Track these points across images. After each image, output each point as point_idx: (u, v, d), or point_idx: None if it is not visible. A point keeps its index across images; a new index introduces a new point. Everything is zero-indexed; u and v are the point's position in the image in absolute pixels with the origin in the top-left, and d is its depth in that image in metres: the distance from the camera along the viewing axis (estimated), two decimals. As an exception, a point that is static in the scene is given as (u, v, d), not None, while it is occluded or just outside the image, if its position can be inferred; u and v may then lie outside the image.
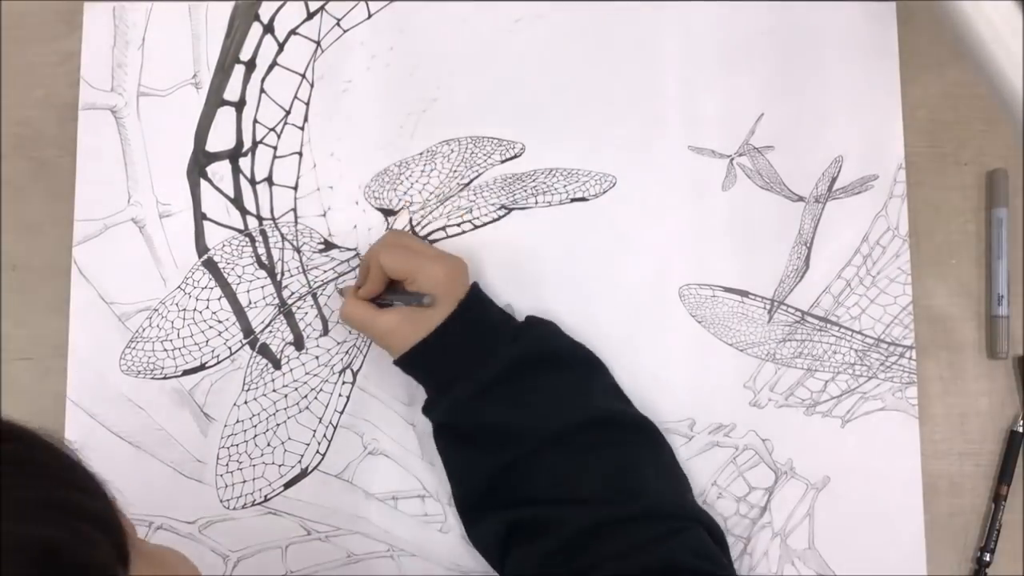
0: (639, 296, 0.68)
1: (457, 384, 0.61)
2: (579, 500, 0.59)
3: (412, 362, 0.61)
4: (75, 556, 0.34)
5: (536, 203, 0.69)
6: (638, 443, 0.62)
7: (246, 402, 0.67)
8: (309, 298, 0.68)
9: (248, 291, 0.68)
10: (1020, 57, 0.43)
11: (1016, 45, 0.43)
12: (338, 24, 0.70)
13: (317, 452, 0.66)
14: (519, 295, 0.68)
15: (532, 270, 0.68)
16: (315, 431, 0.67)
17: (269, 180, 0.69)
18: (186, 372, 0.67)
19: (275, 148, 0.69)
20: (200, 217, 0.69)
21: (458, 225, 0.69)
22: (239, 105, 0.70)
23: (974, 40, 0.44)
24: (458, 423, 0.62)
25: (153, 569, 0.41)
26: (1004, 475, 0.66)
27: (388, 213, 0.69)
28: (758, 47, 0.70)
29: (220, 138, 0.69)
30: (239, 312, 0.68)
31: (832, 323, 0.68)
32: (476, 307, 0.62)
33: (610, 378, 0.65)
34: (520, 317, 0.66)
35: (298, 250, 0.69)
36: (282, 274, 0.68)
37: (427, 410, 0.63)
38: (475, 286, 0.63)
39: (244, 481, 0.66)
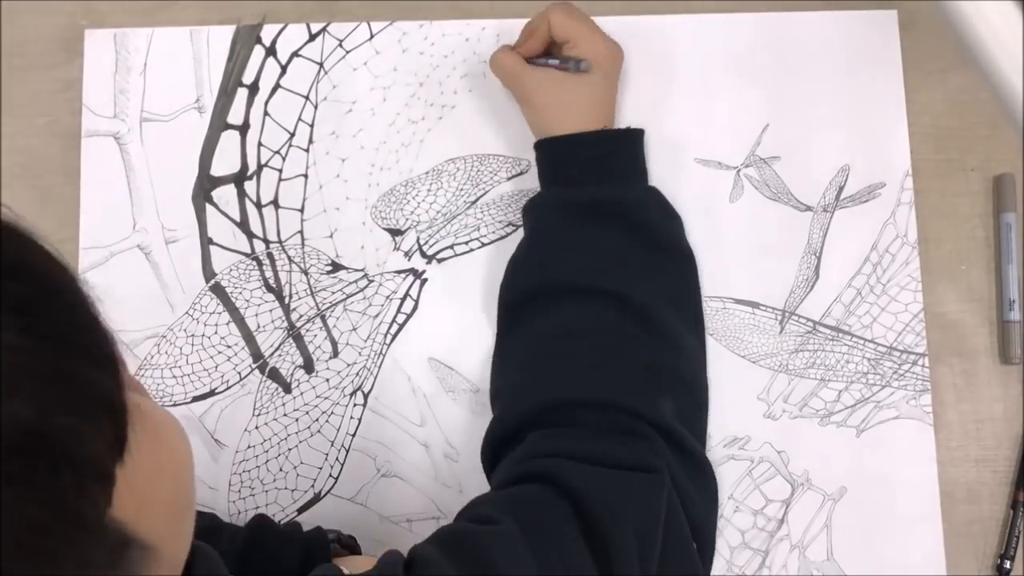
0: (650, 310, 0.67)
1: (558, 185, 0.64)
2: (549, 377, 0.60)
3: (548, 146, 0.64)
4: (65, 447, 0.28)
5: (544, 219, 0.68)
6: (642, 340, 0.60)
7: (257, 427, 0.66)
8: (318, 320, 0.68)
9: (256, 315, 0.68)
10: (1020, 58, 0.43)
11: (1016, 45, 0.43)
12: (340, 45, 0.70)
13: (330, 476, 0.66)
14: (529, 312, 0.67)
15: (541, 287, 0.68)
16: (327, 455, 0.66)
17: (275, 203, 0.69)
18: (196, 398, 0.67)
19: (280, 171, 0.69)
20: (206, 242, 0.68)
21: (465, 243, 0.69)
22: (243, 128, 0.69)
23: (974, 41, 0.44)
24: (539, 216, 0.65)
25: (148, 445, 0.33)
26: (1022, 481, 0.66)
27: (395, 233, 0.69)
28: (762, 58, 0.70)
29: (225, 162, 0.69)
30: (248, 336, 0.67)
31: (844, 332, 0.68)
32: (623, 142, 0.65)
33: (687, 284, 0.65)
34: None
35: (306, 272, 0.68)
36: (290, 297, 0.68)
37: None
38: (639, 132, 0.66)
39: (257, 507, 0.65)
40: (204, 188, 0.69)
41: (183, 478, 0.38)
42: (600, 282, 0.61)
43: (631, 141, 0.66)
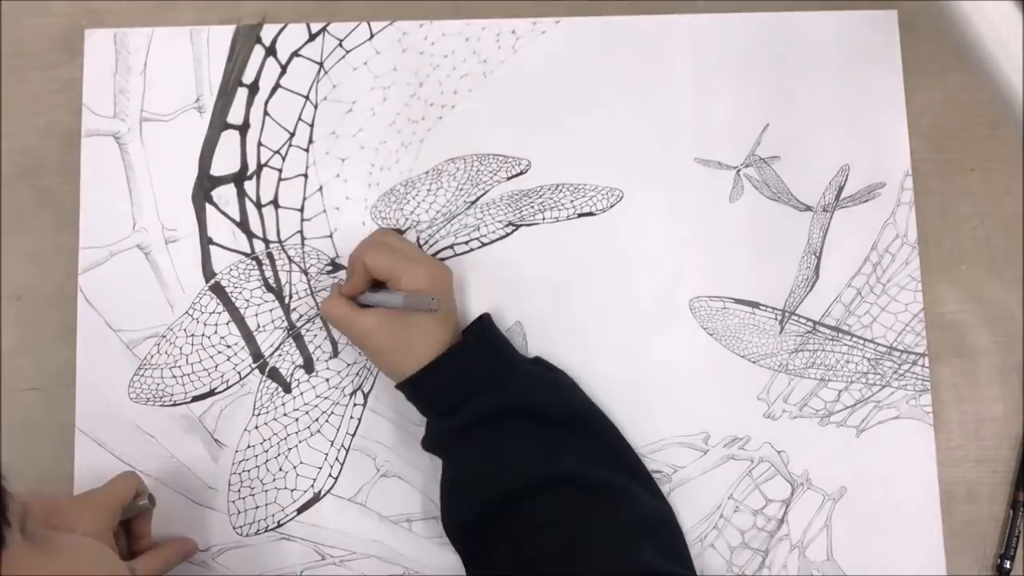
0: (650, 310, 0.68)
1: (440, 417, 0.62)
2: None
3: (412, 387, 0.61)
4: None
5: (543, 219, 0.69)
6: (595, 506, 0.59)
7: (257, 427, 0.66)
8: (318, 320, 0.68)
9: (256, 315, 0.68)
10: (1020, 57, 0.43)
11: (1016, 45, 0.43)
12: (340, 45, 0.70)
13: (330, 475, 0.66)
14: (528, 313, 0.67)
15: (540, 287, 0.68)
16: (327, 454, 0.66)
17: (275, 203, 0.69)
18: (196, 398, 0.67)
19: (280, 170, 0.69)
20: (206, 241, 0.68)
21: (465, 243, 0.69)
22: (243, 128, 0.69)
23: (974, 40, 0.44)
24: (441, 450, 0.63)
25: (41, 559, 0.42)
26: (1022, 481, 0.66)
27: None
28: (762, 58, 0.70)
29: (224, 162, 0.69)
30: (248, 336, 0.67)
31: (844, 332, 0.68)
32: (475, 345, 0.62)
33: (602, 439, 0.63)
34: (536, 342, 0.67)
35: (305, 272, 0.68)
36: (290, 297, 0.68)
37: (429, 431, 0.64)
38: (486, 325, 0.64)
39: (257, 507, 0.65)
40: (204, 188, 0.69)
41: None
42: (529, 478, 0.59)
43: (483, 339, 0.63)
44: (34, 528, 0.44)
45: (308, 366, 0.67)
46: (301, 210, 0.69)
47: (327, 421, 0.66)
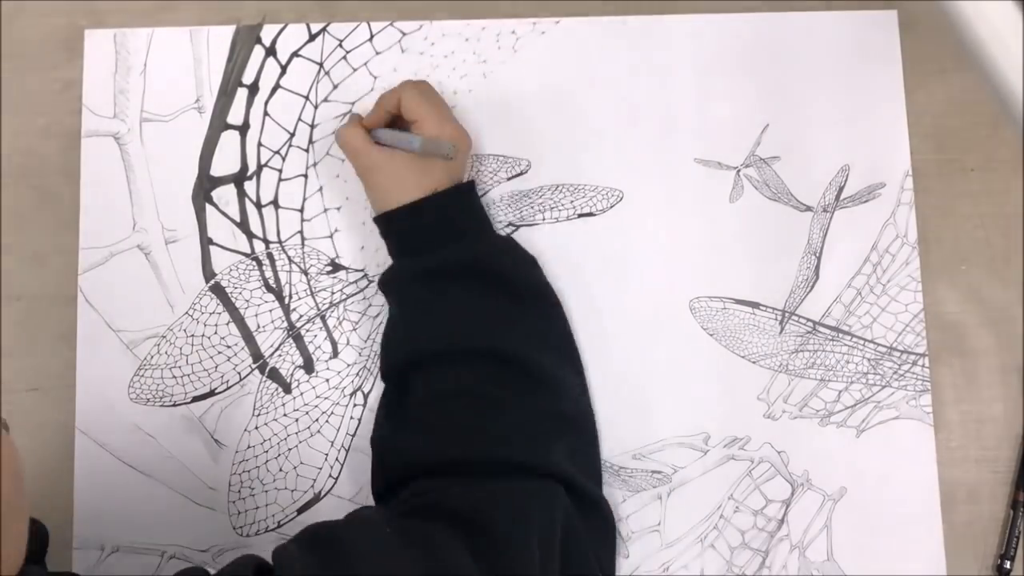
0: (650, 310, 0.68)
1: (408, 256, 0.63)
2: (433, 436, 0.58)
3: (387, 220, 0.63)
4: None
5: (543, 219, 0.69)
6: (522, 390, 0.60)
7: (257, 427, 0.66)
8: (318, 320, 0.68)
9: (256, 315, 0.68)
10: (1020, 57, 0.43)
11: (1016, 45, 0.43)
12: (340, 45, 0.70)
13: (330, 476, 0.66)
14: (529, 312, 0.67)
15: (541, 287, 0.68)
16: (327, 455, 0.66)
17: (275, 203, 0.69)
18: (196, 399, 0.67)
19: (280, 171, 0.69)
20: (206, 242, 0.68)
21: (466, 243, 0.68)
22: (243, 129, 0.69)
23: (974, 40, 0.44)
24: (395, 288, 0.64)
25: None
26: (1022, 481, 0.66)
27: (395, 233, 0.69)
28: (762, 58, 0.70)
29: (224, 162, 0.69)
30: (248, 336, 0.67)
31: (844, 332, 0.68)
32: (458, 199, 0.63)
33: (555, 328, 0.64)
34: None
35: (305, 272, 0.68)
36: (290, 297, 0.68)
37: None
38: (470, 185, 0.65)
39: (257, 507, 0.65)
40: (204, 188, 0.69)
41: None
42: (470, 341, 0.60)
43: (465, 196, 0.64)
44: None
45: (308, 366, 0.67)
46: (301, 210, 0.69)
47: (327, 421, 0.67)
